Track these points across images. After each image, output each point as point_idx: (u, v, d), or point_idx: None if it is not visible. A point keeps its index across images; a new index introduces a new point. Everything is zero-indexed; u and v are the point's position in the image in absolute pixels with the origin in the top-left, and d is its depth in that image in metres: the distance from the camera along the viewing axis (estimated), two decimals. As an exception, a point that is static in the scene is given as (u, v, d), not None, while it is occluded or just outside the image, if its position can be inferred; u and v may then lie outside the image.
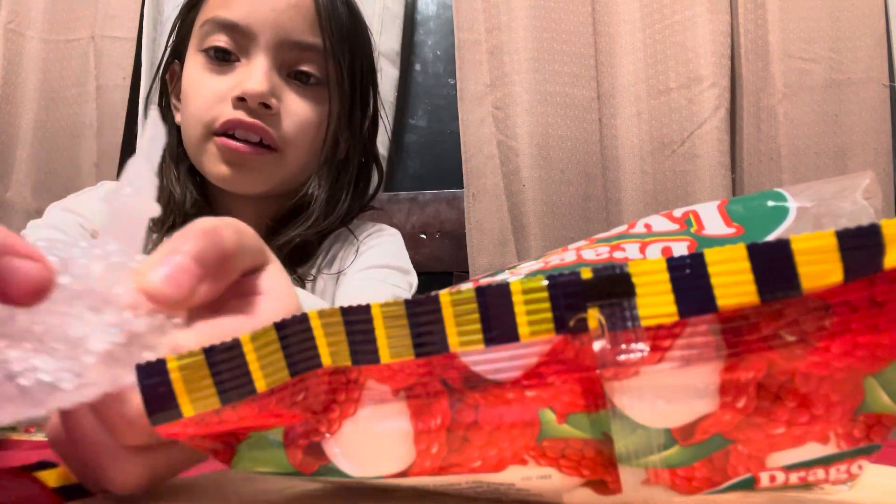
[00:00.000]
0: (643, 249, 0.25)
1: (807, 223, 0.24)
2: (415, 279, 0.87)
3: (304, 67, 0.79)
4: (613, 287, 0.20)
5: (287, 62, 0.78)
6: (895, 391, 0.20)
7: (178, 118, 0.83)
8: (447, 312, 0.21)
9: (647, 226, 0.27)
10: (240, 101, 0.75)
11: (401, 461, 0.23)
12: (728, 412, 0.20)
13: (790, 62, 1.21)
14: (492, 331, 0.21)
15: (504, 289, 0.20)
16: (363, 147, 0.88)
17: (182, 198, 0.79)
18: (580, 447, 0.22)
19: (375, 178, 0.91)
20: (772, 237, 0.24)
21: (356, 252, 0.83)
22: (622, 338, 0.20)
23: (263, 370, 0.22)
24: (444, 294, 0.21)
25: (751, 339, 0.19)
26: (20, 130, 1.34)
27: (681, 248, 0.24)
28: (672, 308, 0.19)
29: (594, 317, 0.20)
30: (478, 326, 0.21)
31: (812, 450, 0.21)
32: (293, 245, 0.78)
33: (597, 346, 0.20)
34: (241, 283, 0.29)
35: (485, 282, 0.27)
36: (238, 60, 0.77)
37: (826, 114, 1.20)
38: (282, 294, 0.30)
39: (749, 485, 0.22)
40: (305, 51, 0.78)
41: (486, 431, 0.22)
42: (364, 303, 0.22)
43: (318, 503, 0.27)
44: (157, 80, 0.88)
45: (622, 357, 0.20)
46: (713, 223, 0.26)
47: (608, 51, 1.27)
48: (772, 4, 1.21)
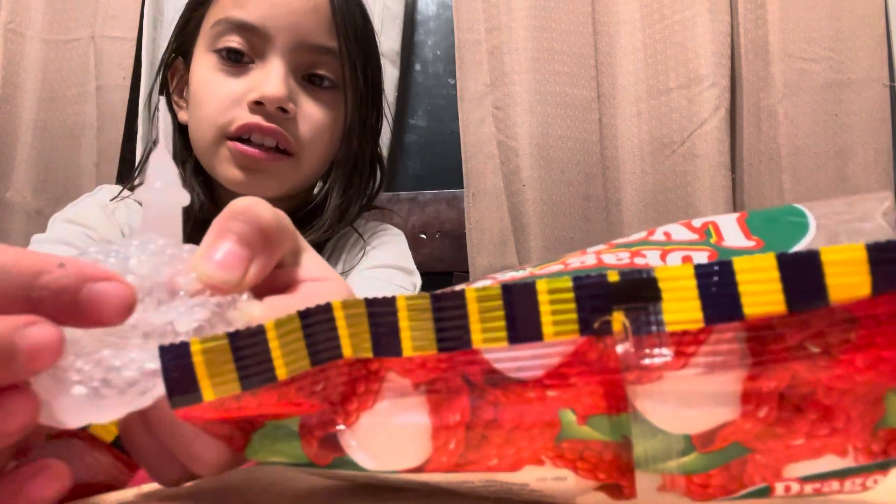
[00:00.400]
0: (664, 257, 0.25)
1: (827, 240, 0.24)
2: (419, 280, 0.86)
3: (320, 71, 0.78)
4: (640, 291, 0.19)
5: (302, 65, 0.77)
6: None
7: (182, 116, 0.81)
8: (472, 308, 0.21)
9: (667, 234, 0.27)
10: (257, 106, 0.73)
11: (417, 456, 0.23)
12: (749, 421, 0.20)
13: (790, 62, 1.21)
14: (516, 329, 0.21)
15: (530, 287, 0.20)
16: (371, 147, 0.87)
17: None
18: (599, 450, 0.22)
19: (377, 177, 0.90)
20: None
21: (362, 252, 0.83)
22: (646, 342, 0.19)
23: (285, 358, 0.22)
24: (470, 290, 0.21)
25: (776, 349, 0.19)
26: (20, 130, 1.33)
27: (701, 258, 0.24)
28: (698, 314, 0.19)
29: (619, 320, 0.20)
30: (502, 324, 0.21)
31: (830, 462, 0.21)
32: None
33: (620, 349, 0.20)
34: (286, 274, 0.30)
35: (503, 280, 0.27)
36: (252, 62, 0.76)
37: (826, 114, 1.20)
38: (333, 277, 0.31)
39: (764, 494, 0.22)
40: (321, 54, 0.77)
41: (506, 430, 0.22)
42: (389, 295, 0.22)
43: (327, 503, 0.27)
44: (160, 76, 0.86)
45: (646, 361, 0.19)
46: (733, 235, 0.26)
47: (608, 51, 1.27)
48: (772, 4, 1.22)
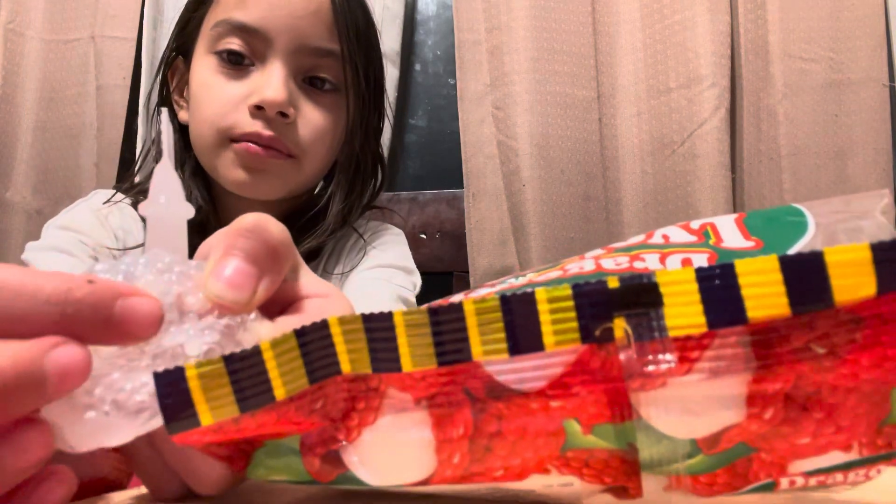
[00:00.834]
0: (663, 260, 0.24)
1: (825, 239, 0.24)
2: (419, 279, 0.86)
3: (321, 73, 0.77)
4: (641, 296, 0.19)
5: (303, 68, 0.76)
6: None
7: (183, 116, 0.81)
8: (471, 321, 0.21)
9: (665, 237, 0.26)
10: (257, 110, 0.73)
11: (421, 470, 0.23)
12: (755, 423, 0.20)
13: (790, 62, 1.21)
14: (516, 340, 0.20)
15: (529, 297, 0.20)
16: (372, 149, 0.87)
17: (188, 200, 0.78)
18: (605, 457, 0.22)
19: (379, 177, 0.90)
20: (792, 252, 0.24)
21: (363, 252, 0.82)
22: (649, 348, 0.19)
23: (283, 377, 0.22)
24: (468, 302, 0.21)
25: (781, 352, 0.19)
26: (20, 130, 1.33)
27: (701, 260, 0.24)
28: (701, 319, 0.19)
29: (620, 326, 0.19)
30: (502, 335, 0.20)
31: (834, 457, 0.21)
32: (302, 249, 0.77)
33: (623, 357, 0.20)
34: (287, 289, 0.29)
35: (501, 288, 0.26)
36: (252, 65, 0.75)
37: (826, 114, 1.20)
38: (334, 293, 0.30)
39: (769, 488, 0.22)
40: (323, 56, 0.76)
41: (510, 441, 0.22)
42: (385, 310, 0.22)
43: (330, 502, 0.27)
44: (159, 75, 0.85)
45: (649, 368, 0.19)
46: (732, 236, 0.25)
47: (608, 51, 1.27)
48: (772, 4, 1.21)
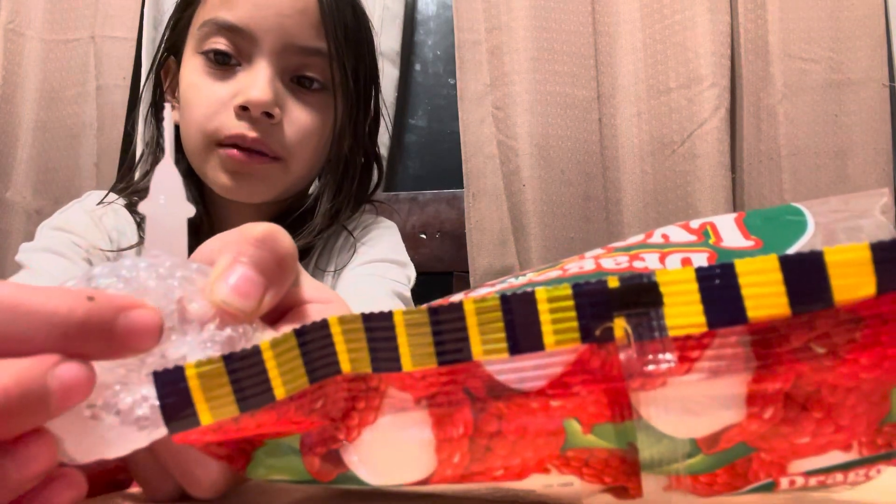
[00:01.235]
0: (663, 260, 0.24)
1: (825, 238, 0.24)
2: (413, 272, 0.85)
3: (308, 73, 0.76)
4: (641, 296, 0.19)
5: (290, 67, 0.75)
6: None
7: (175, 116, 0.80)
8: (471, 321, 0.21)
9: (665, 236, 0.26)
10: (242, 111, 0.72)
11: (421, 470, 0.23)
12: (755, 422, 0.20)
13: (790, 62, 1.21)
14: (516, 339, 0.20)
15: (529, 297, 0.20)
16: (365, 148, 0.86)
17: None
18: (605, 457, 0.22)
19: (375, 176, 0.90)
20: (792, 251, 0.24)
21: (353, 250, 0.82)
22: (649, 348, 0.19)
23: (283, 377, 0.22)
24: (468, 301, 0.21)
25: (780, 352, 0.19)
26: (20, 130, 1.33)
27: (700, 260, 0.24)
28: (701, 319, 0.19)
29: (620, 326, 0.19)
30: (502, 335, 0.20)
31: (834, 457, 0.21)
32: None
33: (623, 356, 0.20)
34: (289, 295, 0.29)
35: (501, 288, 0.26)
36: (239, 65, 0.75)
37: (826, 114, 1.20)
38: (335, 299, 0.30)
39: (769, 489, 0.22)
40: (309, 56, 0.76)
41: (510, 441, 0.22)
42: (385, 310, 0.22)
43: (330, 502, 0.27)
44: (151, 75, 0.85)
45: (649, 367, 0.19)
46: (731, 235, 0.25)
47: (608, 51, 1.27)
48: (772, 4, 1.21)
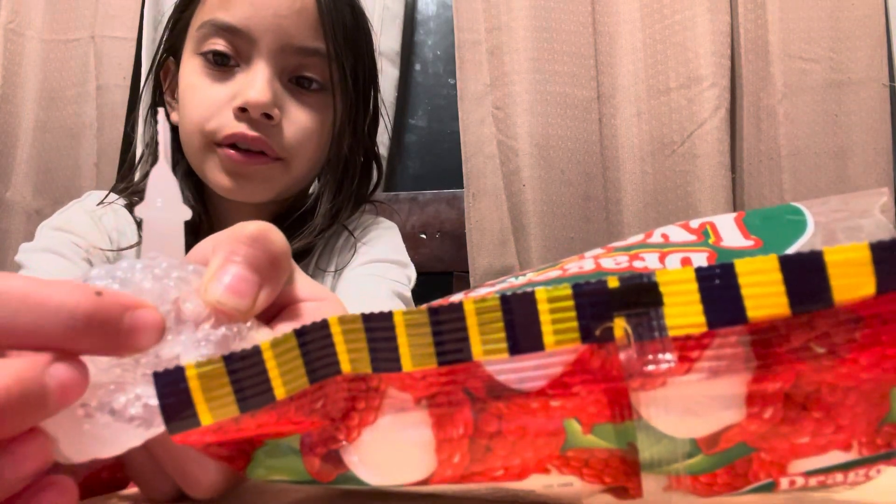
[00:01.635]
0: (662, 259, 0.24)
1: (824, 238, 0.24)
2: (413, 272, 0.85)
3: (307, 73, 0.76)
4: (641, 296, 0.19)
5: (288, 68, 0.75)
6: None
7: (175, 117, 0.80)
8: (471, 321, 0.21)
9: (665, 236, 0.26)
10: (241, 112, 0.72)
11: (421, 470, 0.23)
12: (754, 422, 0.20)
13: (790, 62, 1.21)
14: (516, 339, 0.20)
15: (529, 297, 0.20)
16: (364, 147, 0.86)
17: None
18: (605, 457, 0.22)
19: (374, 176, 0.90)
20: (791, 250, 0.24)
21: (353, 250, 0.82)
22: (649, 348, 0.19)
23: (283, 377, 0.22)
24: (468, 302, 0.21)
25: (780, 351, 0.19)
26: (20, 130, 1.33)
27: (700, 259, 0.24)
28: (701, 318, 0.19)
29: (620, 326, 0.19)
30: (502, 335, 0.20)
31: (834, 457, 0.21)
32: (291, 248, 0.77)
33: (623, 356, 0.20)
34: (283, 294, 0.29)
35: (501, 288, 0.26)
36: (237, 66, 0.75)
37: (826, 114, 1.20)
38: (330, 297, 0.30)
39: (769, 489, 0.22)
40: (308, 56, 0.76)
41: (510, 441, 0.22)
42: (385, 310, 0.22)
43: (330, 502, 0.27)
44: (150, 76, 0.85)
45: (649, 367, 0.19)
46: (731, 235, 0.25)
47: (608, 51, 1.27)
48: (772, 4, 1.21)
